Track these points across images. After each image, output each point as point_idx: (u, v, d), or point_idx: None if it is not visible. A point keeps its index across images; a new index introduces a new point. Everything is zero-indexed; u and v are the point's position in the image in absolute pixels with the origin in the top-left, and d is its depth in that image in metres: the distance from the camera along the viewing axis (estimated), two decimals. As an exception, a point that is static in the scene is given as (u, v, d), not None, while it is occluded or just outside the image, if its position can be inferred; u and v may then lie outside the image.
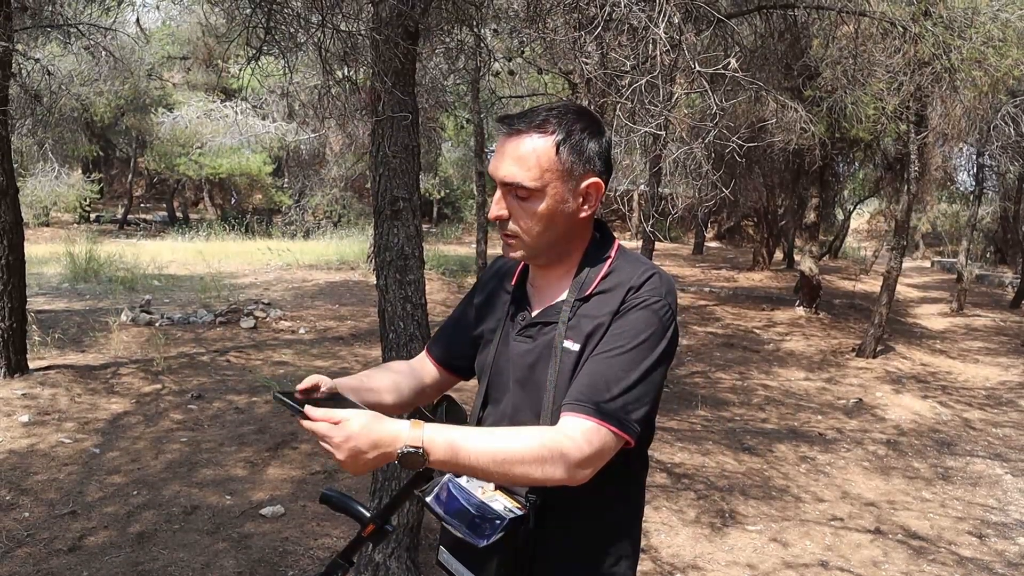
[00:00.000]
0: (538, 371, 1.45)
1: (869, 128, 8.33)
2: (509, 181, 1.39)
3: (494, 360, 1.55)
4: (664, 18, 3.15)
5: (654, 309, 1.38)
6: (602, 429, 1.30)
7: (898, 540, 4.45)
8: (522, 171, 1.38)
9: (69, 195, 18.54)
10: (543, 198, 1.39)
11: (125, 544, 3.64)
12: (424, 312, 3.32)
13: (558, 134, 1.38)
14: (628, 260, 1.47)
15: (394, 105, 3.11)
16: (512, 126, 1.40)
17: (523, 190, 1.39)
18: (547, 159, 1.37)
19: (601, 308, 1.41)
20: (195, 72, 21.16)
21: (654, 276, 1.41)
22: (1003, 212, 18.54)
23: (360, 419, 1.26)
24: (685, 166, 4.30)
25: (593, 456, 1.29)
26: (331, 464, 4.79)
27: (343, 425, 1.26)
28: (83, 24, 6.93)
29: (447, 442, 1.26)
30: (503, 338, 1.54)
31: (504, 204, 1.42)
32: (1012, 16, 6.05)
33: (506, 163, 1.39)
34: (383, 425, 1.26)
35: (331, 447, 1.26)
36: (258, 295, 10.12)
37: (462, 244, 20.36)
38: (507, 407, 1.51)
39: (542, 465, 1.27)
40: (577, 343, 1.40)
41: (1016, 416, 7.36)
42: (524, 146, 1.38)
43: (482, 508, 1.35)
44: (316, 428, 1.28)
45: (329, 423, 1.27)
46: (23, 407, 5.33)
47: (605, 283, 1.43)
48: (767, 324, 11.05)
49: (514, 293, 1.57)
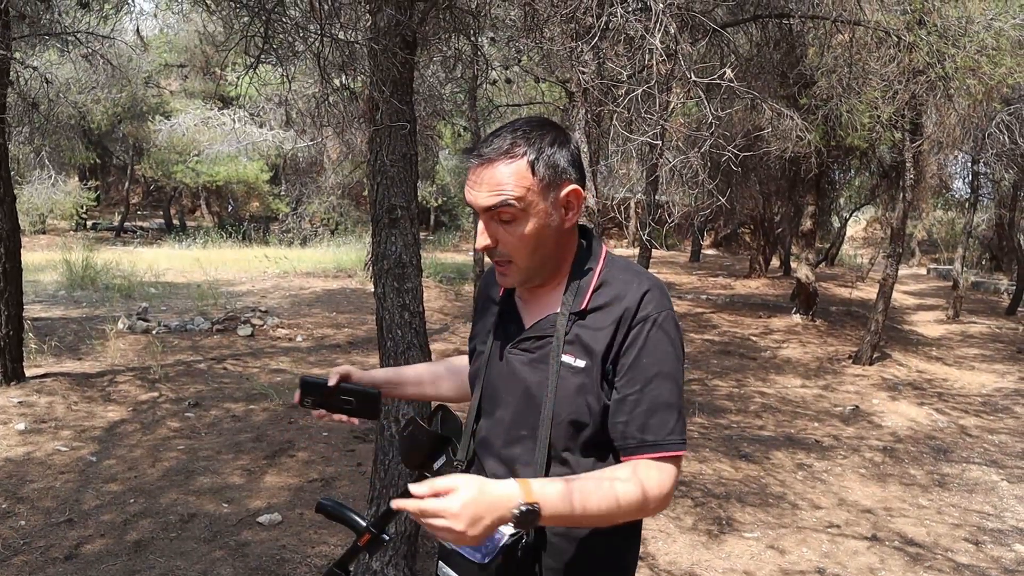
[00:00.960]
0: (534, 385, 1.44)
1: (864, 136, 8.37)
2: (491, 205, 1.38)
3: (486, 372, 1.55)
4: (660, 28, 3.18)
5: (666, 329, 1.40)
6: (678, 460, 1.38)
7: (895, 547, 4.46)
8: (502, 196, 1.36)
9: (66, 202, 18.53)
10: (527, 218, 1.38)
11: (122, 552, 3.63)
12: (422, 320, 3.33)
13: (529, 154, 1.37)
14: (618, 269, 1.47)
15: (392, 114, 3.13)
16: (483, 156, 1.39)
17: (507, 212, 1.37)
18: (525, 179, 1.37)
19: (602, 326, 1.41)
20: (193, 80, 21.18)
21: (651, 290, 1.42)
22: (998, 219, 18.60)
23: (471, 483, 1.20)
24: (682, 174, 4.32)
25: (674, 487, 1.37)
26: (328, 472, 4.78)
27: (456, 495, 1.18)
28: (81, 32, 6.94)
29: (557, 497, 1.25)
30: (494, 351, 1.55)
31: (488, 233, 1.42)
32: (1006, 25, 6.08)
33: (483, 192, 1.38)
34: (494, 486, 1.22)
35: (447, 520, 1.17)
36: (255, 303, 10.11)
37: (459, 252, 20.38)
38: (502, 419, 1.51)
39: (641, 511, 1.34)
40: (581, 360, 1.40)
41: (1012, 423, 7.38)
42: (499, 173, 1.37)
43: None
44: (425, 507, 1.19)
45: (434, 497, 1.19)
46: (19, 415, 5.32)
47: (599, 296, 1.43)
48: (764, 331, 11.07)
49: (502, 306, 1.57)
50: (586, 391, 1.40)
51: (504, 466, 1.49)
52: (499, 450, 1.51)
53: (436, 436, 1.46)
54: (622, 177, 6.54)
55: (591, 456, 1.43)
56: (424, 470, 1.47)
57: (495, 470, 1.51)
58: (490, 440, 1.53)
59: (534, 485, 1.24)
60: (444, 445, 1.46)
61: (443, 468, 1.45)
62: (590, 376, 1.40)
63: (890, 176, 12.59)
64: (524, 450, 1.46)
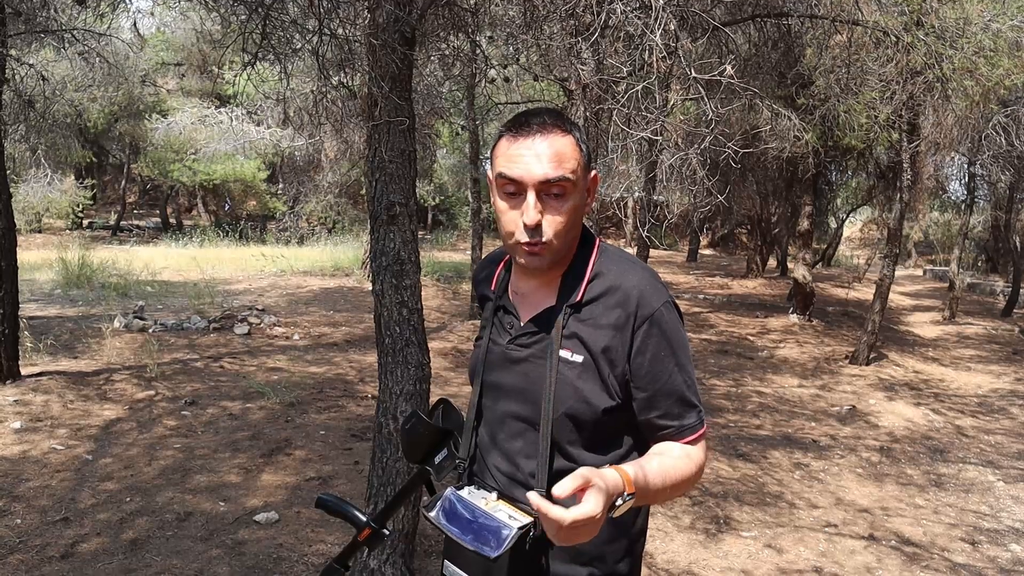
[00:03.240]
0: (533, 380, 1.44)
1: (862, 137, 8.37)
2: (555, 177, 1.35)
3: (484, 367, 1.54)
4: (660, 25, 3.17)
5: (670, 319, 1.42)
6: (705, 435, 1.48)
7: (892, 546, 4.46)
8: (564, 166, 1.35)
9: (62, 201, 18.49)
10: (575, 194, 1.39)
11: (118, 551, 3.62)
12: (420, 317, 3.32)
13: (573, 131, 1.39)
14: (611, 260, 1.47)
15: (391, 110, 3.12)
16: (542, 124, 1.36)
17: (565, 185, 1.36)
18: (576, 154, 1.38)
19: (600, 322, 1.41)
20: (189, 78, 21.13)
21: (646, 282, 1.43)
22: (994, 221, 18.61)
23: (596, 480, 1.18)
24: (680, 172, 4.32)
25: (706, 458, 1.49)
26: (325, 470, 4.77)
27: (591, 496, 1.16)
28: (77, 30, 6.92)
29: (643, 480, 1.30)
30: (491, 345, 1.54)
31: (539, 207, 1.36)
32: (1003, 26, 6.09)
33: (544, 163, 1.34)
34: (609, 476, 1.23)
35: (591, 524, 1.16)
36: (252, 301, 10.09)
37: (456, 251, 20.36)
38: (502, 413, 1.51)
39: (692, 486, 1.49)
40: (579, 355, 1.41)
41: (1008, 423, 7.39)
42: (556, 143, 1.35)
43: (487, 519, 1.35)
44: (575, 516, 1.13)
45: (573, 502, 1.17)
46: (15, 413, 5.30)
47: (594, 288, 1.43)
48: (761, 331, 11.08)
49: (497, 300, 1.57)
50: (584, 386, 1.40)
51: (506, 460, 1.50)
52: (501, 443, 1.51)
53: (438, 430, 1.45)
54: (621, 175, 6.53)
55: (593, 448, 1.44)
56: (425, 464, 1.46)
57: (497, 464, 1.51)
58: (492, 434, 1.53)
59: (630, 471, 1.27)
60: (446, 439, 1.45)
61: (444, 462, 1.44)
62: (588, 371, 1.40)
63: (887, 177, 12.60)
64: (526, 443, 1.46)
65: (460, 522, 1.37)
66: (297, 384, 6.60)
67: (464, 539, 1.34)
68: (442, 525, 1.39)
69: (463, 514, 1.38)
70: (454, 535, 1.36)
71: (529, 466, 1.45)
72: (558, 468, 1.41)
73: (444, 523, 1.38)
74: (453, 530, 1.37)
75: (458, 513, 1.38)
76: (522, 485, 1.45)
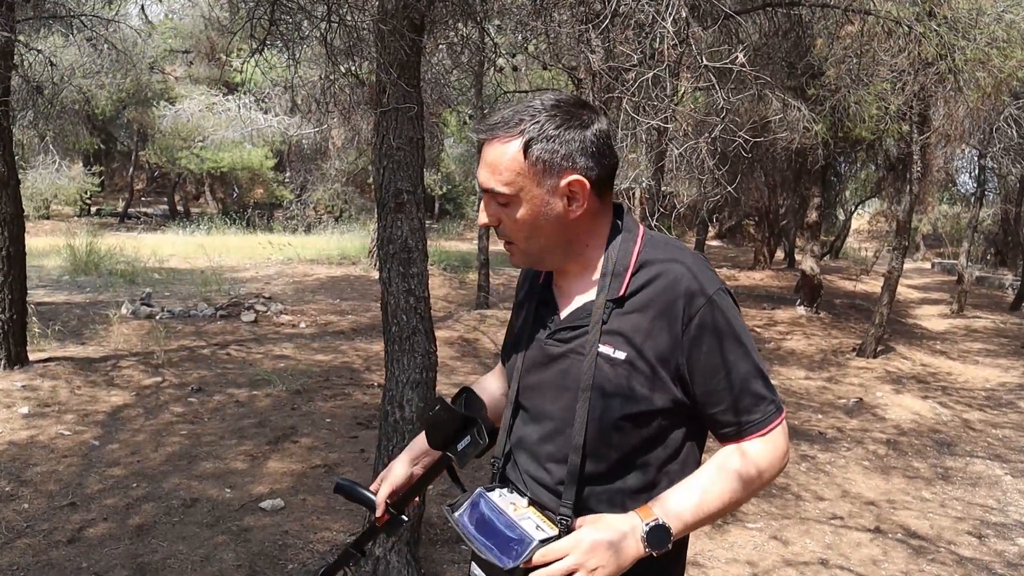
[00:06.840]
0: (571, 377, 1.36)
1: (872, 128, 8.30)
2: (485, 188, 1.34)
3: (523, 363, 1.46)
4: (671, 13, 3.14)
5: (724, 306, 1.34)
6: (783, 424, 1.39)
7: (898, 539, 4.45)
8: (494, 177, 1.31)
9: (70, 188, 18.52)
10: (520, 204, 1.32)
11: (124, 536, 3.63)
12: (427, 305, 3.31)
13: (527, 133, 1.29)
14: (656, 247, 1.38)
15: (399, 97, 3.10)
16: (481, 131, 1.34)
17: (500, 196, 1.32)
18: (516, 163, 1.29)
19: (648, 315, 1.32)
20: (197, 66, 21.09)
21: (696, 270, 1.34)
22: (1004, 214, 18.53)
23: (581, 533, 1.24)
24: (690, 162, 4.29)
25: (787, 443, 1.39)
26: (331, 458, 4.78)
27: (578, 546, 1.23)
28: (85, 15, 6.92)
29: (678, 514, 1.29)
30: (530, 340, 1.46)
31: (488, 212, 1.37)
32: (1017, 17, 6.02)
33: (481, 170, 1.33)
34: (606, 519, 1.27)
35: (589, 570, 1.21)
36: (259, 289, 10.11)
37: (463, 240, 20.34)
38: (539, 412, 1.43)
39: (762, 486, 1.38)
40: (621, 351, 1.32)
41: (1016, 417, 7.35)
42: (494, 151, 1.31)
43: (511, 527, 1.30)
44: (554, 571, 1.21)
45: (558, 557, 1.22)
46: (23, 399, 5.32)
47: (638, 278, 1.34)
48: (768, 323, 11.04)
49: (541, 294, 1.49)
50: (626, 384, 1.31)
51: (536, 463, 1.42)
52: (532, 445, 1.43)
53: (462, 417, 1.42)
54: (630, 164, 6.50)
55: (631, 453, 1.36)
56: (447, 451, 1.44)
57: (527, 467, 1.44)
58: (526, 435, 1.45)
59: (654, 508, 1.28)
60: (469, 426, 1.42)
61: (467, 449, 1.41)
62: (632, 368, 1.31)
63: (896, 169, 12.51)
64: (556, 447, 1.39)
65: (484, 525, 1.32)
66: (303, 372, 6.61)
67: (482, 546, 1.29)
68: (461, 527, 1.35)
69: (488, 516, 1.33)
70: (473, 541, 1.31)
71: (560, 472, 1.36)
72: (588, 472, 1.35)
73: (464, 525, 1.35)
74: (471, 535, 1.32)
75: (484, 515, 1.34)
76: (551, 491, 1.38)
